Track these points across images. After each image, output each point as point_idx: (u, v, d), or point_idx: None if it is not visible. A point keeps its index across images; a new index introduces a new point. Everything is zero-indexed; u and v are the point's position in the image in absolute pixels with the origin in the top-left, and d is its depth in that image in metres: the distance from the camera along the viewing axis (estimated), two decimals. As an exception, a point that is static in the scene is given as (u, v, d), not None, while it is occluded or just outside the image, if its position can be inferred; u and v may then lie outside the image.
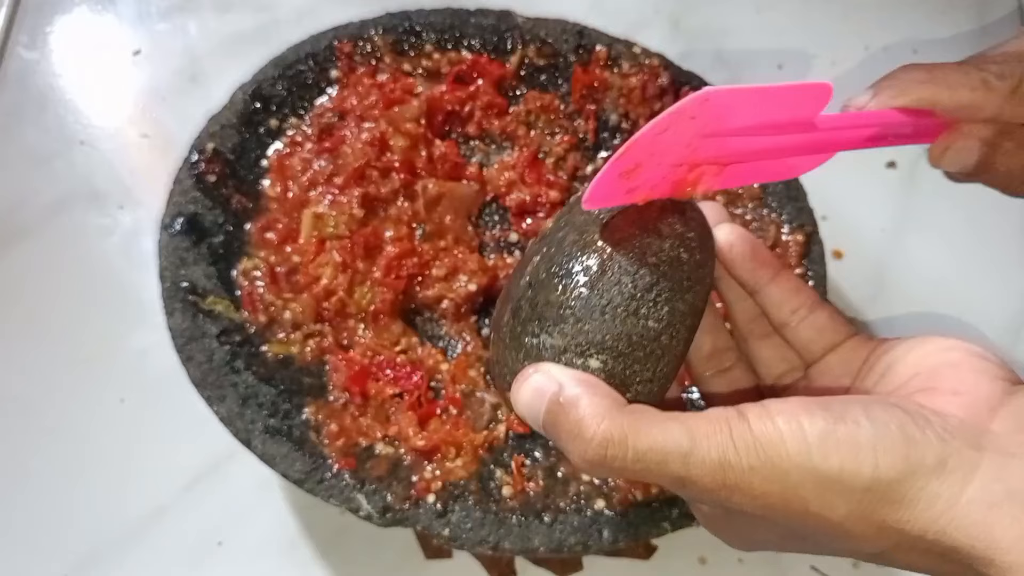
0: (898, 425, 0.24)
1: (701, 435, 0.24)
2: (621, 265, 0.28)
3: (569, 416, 0.26)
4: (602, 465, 0.25)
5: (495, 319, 0.31)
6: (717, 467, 0.24)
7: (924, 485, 0.23)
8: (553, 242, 0.29)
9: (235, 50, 0.64)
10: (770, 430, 0.24)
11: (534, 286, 0.29)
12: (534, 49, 0.53)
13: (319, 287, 0.45)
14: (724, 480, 0.24)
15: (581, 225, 0.29)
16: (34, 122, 0.60)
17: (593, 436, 0.25)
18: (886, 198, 0.63)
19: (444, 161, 0.50)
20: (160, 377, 0.48)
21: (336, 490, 0.39)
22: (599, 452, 0.25)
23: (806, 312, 0.32)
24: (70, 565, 0.45)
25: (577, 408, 0.25)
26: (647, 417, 0.25)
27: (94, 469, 0.48)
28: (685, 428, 0.24)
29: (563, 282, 0.28)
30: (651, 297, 0.28)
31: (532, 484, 0.42)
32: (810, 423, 0.24)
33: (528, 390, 0.27)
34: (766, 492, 0.24)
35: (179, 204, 0.45)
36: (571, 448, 0.26)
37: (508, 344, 0.29)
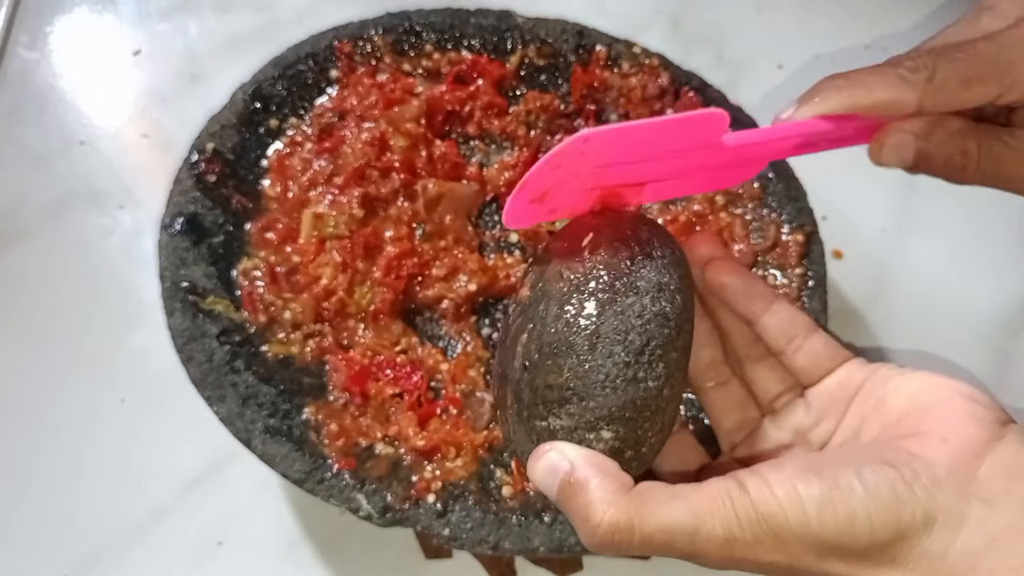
0: (889, 488, 0.25)
1: (705, 513, 0.25)
2: (609, 337, 0.28)
3: (579, 499, 0.27)
4: (609, 548, 0.26)
5: (497, 397, 0.32)
6: (723, 543, 0.25)
7: (915, 544, 0.25)
8: (536, 318, 0.29)
9: (235, 50, 0.64)
10: (771, 502, 0.25)
11: (530, 369, 0.29)
12: (534, 49, 0.53)
13: (319, 287, 0.45)
14: (731, 553, 0.25)
15: (559, 297, 0.29)
16: (34, 122, 0.60)
17: (600, 523, 0.26)
18: (886, 198, 0.63)
19: (444, 161, 0.50)
20: (160, 377, 0.48)
21: (336, 490, 0.39)
22: (606, 537, 0.26)
23: (801, 340, 0.33)
24: (70, 565, 0.45)
25: (586, 491, 0.26)
26: (653, 499, 0.26)
27: (94, 469, 0.48)
28: (689, 508, 0.26)
29: (557, 363, 0.28)
30: (645, 360, 0.28)
31: (532, 484, 0.42)
32: (807, 493, 0.25)
33: (543, 468, 0.28)
34: (772, 560, 0.26)
35: (179, 204, 0.45)
36: (579, 529, 0.27)
37: (517, 427, 0.30)
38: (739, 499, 0.25)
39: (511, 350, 0.30)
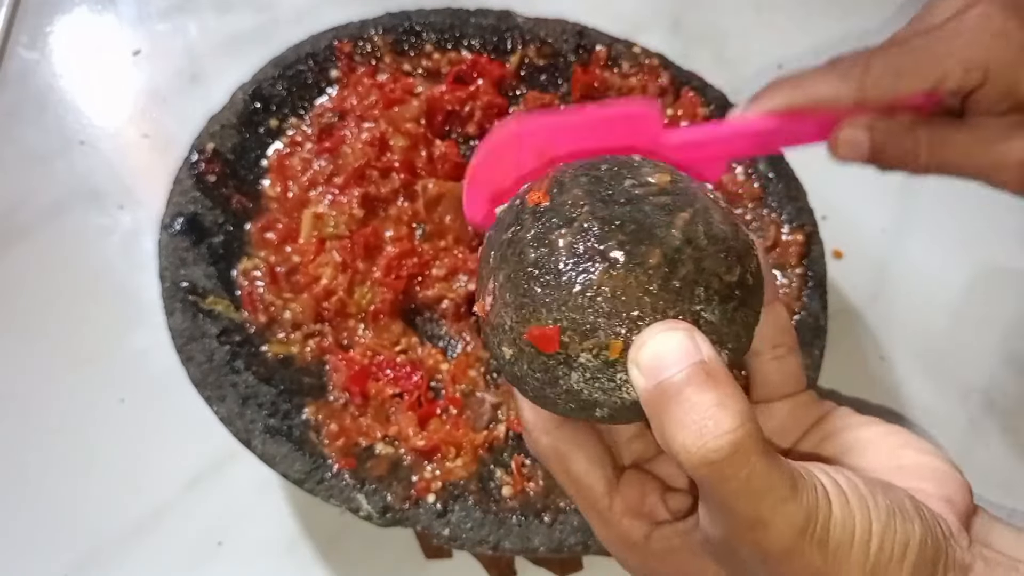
0: (936, 533, 0.24)
1: (800, 488, 0.22)
2: (757, 274, 0.26)
3: (710, 394, 0.22)
4: (710, 465, 0.21)
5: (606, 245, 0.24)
6: (798, 530, 0.22)
7: None
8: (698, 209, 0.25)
9: (235, 50, 0.64)
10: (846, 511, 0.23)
11: (697, 248, 0.24)
12: (534, 49, 0.53)
13: (319, 287, 0.45)
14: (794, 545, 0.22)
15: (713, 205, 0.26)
16: (34, 122, 0.60)
17: (733, 429, 0.21)
18: (886, 198, 0.63)
19: (444, 161, 0.50)
20: (160, 377, 0.48)
21: (336, 490, 0.39)
22: (725, 449, 0.21)
23: (784, 352, 0.30)
24: (70, 565, 0.45)
25: (726, 391, 0.22)
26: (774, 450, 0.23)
27: (94, 469, 0.48)
28: (791, 473, 0.23)
29: (730, 259, 0.24)
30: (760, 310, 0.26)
31: (532, 484, 0.42)
32: (875, 508, 0.23)
33: (673, 340, 0.22)
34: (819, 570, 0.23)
35: (179, 204, 0.45)
36: (690, 431, 0.21)
37: (654, 292, 0.23)
38: (832, 488, 0.23)
39: (659, 217, 0.24)
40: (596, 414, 0.25)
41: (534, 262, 0.24)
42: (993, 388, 0.55)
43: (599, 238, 0.24)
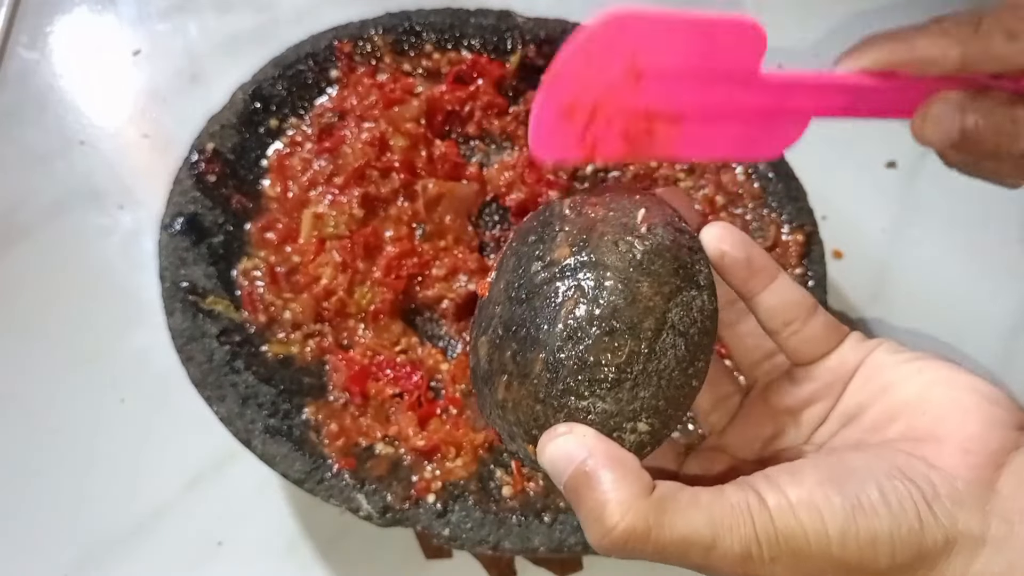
0: (913, 511, 0.24)
1: (724, 528, 0.24)
2: (676, 327, 0.26)
3: (593, 493, 0.24)
4: (619, 552, 0.24)
5: (490, 360, 0.28)
6: (739, 560, 0.24)
7: (933, 566, 0.24)
8: (588, 286, 0.26)
9: (235, 50, 0.64)
10: (791, 522, 0.24)
11: (581, 340, 0.25)
12: (534, 49, 0.53)
13: (319, 287, 0.45)
14: (744, 570, 0.24)
15: (619, 271, 0.26)
16: (34, 122, 0.60)
17: (615, 526, 0.23)
18: (886, 198, 0.63)
19: (444, 161, 0.50)
20: (160, 377, 0.48)
21: (336, 490, 0.39)
22: (618, 542, 0.23)
23: (800, 325, 0.29)
24: (71, 564, 0.45)
25: (603, 488, 0.24)
26: (672, 506, 0.24)
27: (94, 469, 0.48)
28: (708, 519, 0.24)
29: (616, 342, 0.25)
30: (699, 357, 0.26)
31: (532, 484, 0.42)
32: (829, 513, 0.24)
33: (556, 450, 0.25)
34: None
35: (179, 204, 0.45)
36: (589, 527, 0.24)
37: (542, 399, 0.26)
38: (759, 515, 0.24)
39: (547, 312, 0.26)
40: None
41: (474, 367, 0.29)
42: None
43: (501, 348, 0.27)
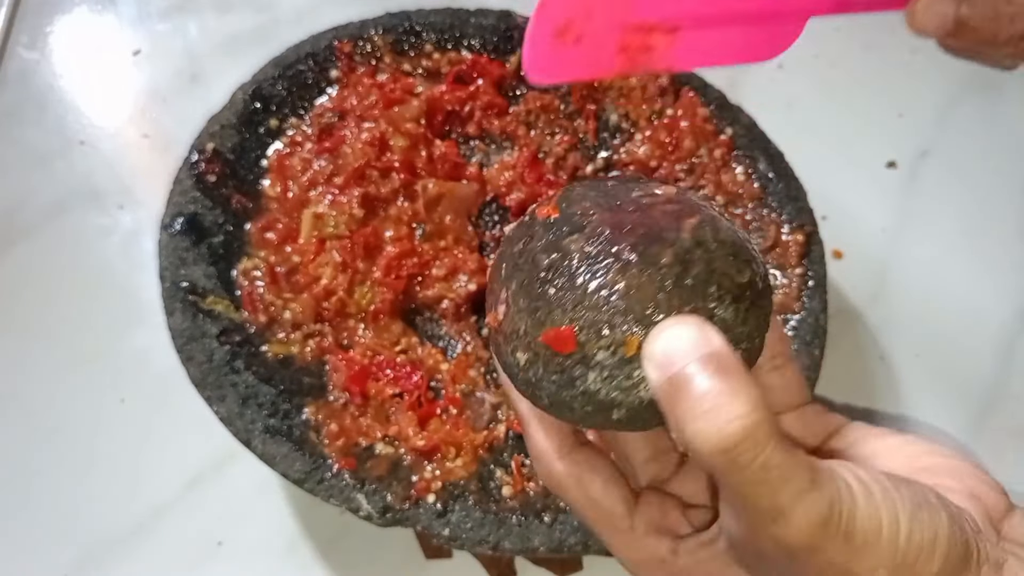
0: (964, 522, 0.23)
1: (825, 475, 0.22)
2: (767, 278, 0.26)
3: (728, 380, 0.21)
4: (725, 452, 0.21)
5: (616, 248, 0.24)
6: (820, 519, 0.21)
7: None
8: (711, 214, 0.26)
9: (235, 50, 0.64)
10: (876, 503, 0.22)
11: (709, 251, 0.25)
12: (534, 49, 0.53)
13: (319, 287, 0.45)
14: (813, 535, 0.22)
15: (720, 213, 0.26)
16: (34, 122, 0.60)
17: (744, 415, 0.21)
18: (886, 198, 0.63)
19: (444, 161, 0.50)
20: (160, 377, 0.48)
21: (336, 490, 0.39)
22: (736, 433, 0.21)
23: (783, 361, 0.29)
24: (71, 565, 0.45)
25: (739, 379, 0.21)
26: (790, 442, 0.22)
27: (94, 469, 0.48)
28: (812, 463, 0.22)
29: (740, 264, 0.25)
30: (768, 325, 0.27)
31: (532, 484, 0.42)
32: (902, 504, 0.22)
33: (682, 335, 0.22)
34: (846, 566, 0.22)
35: (179, 204, 0.45)
36: (703, 415, 0.21)
37: (667, 289, 0.24)
38: (851, 481, 0.22)
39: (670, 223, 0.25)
40: (613, 416, 0.25)
41: (547, 267, 0.25)
42: (993, 388, 0.55)
43: (611, 241, 0.24)
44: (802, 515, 0.21)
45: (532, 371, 0.25)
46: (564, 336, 0.24)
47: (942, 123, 0.66)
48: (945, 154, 0.64)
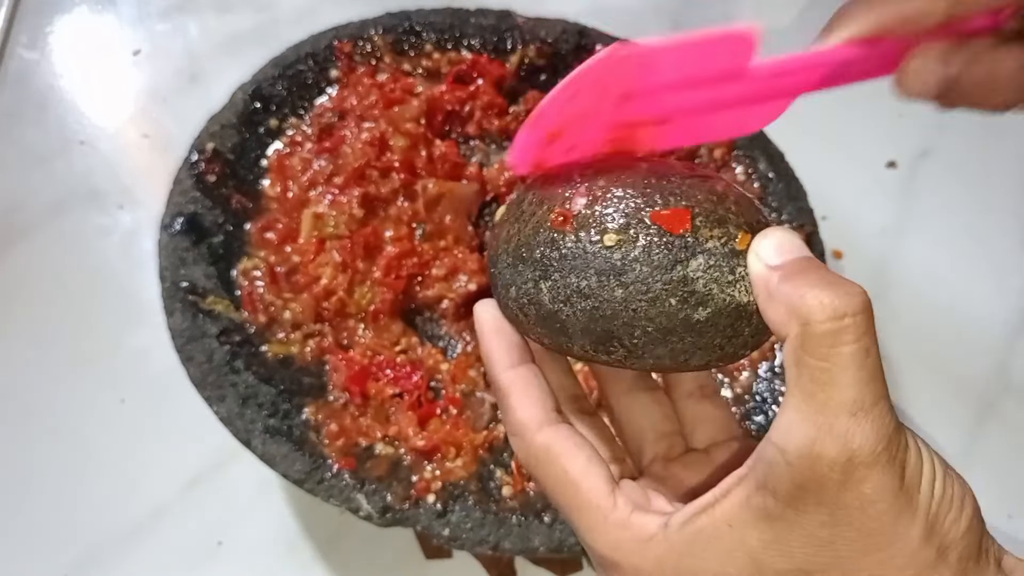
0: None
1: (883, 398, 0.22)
2: None
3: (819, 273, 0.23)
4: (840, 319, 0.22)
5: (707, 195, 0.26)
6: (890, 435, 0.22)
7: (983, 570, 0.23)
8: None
9: (235, 50, 0.64)
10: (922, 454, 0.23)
11: None
12: (534, 49, 0.53)
13: (319, 287, 0.45)
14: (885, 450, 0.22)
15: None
16: (34, 122, 0.60)
17: (861, 292, 0.22)
18: (886, 198, 0.63)
19: (444, 161, 0.50)
20: (160, 377, 0.48)
21: (336, 490, 0.39)
22: (857, 304, 0.22)
23: (712, 392, 0.30)
24: (70, 565, 0.45)
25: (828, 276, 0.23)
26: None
27: (94, 469, 0.48)
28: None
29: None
30: None
31: (532, 484, 0.42)
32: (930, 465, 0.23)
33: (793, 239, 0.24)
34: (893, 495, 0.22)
35: (179, 204, 0.45)
36: (822, 288, 0.22)
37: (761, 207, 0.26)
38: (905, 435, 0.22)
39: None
40: (694, 317, 0.25)
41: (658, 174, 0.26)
42: (993, 388, 0.56)
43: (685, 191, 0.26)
44: (878, 417, 0.21)
45: (622, 252, 0.25)
46: (680, 215, 0.25)
47: (942, 123, 0.66)
48: (945, 154, 0.64)
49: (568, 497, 0.26)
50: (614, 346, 0.26)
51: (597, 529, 0.26)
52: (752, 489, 0.23)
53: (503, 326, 0.29)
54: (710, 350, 0.26)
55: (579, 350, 0.26)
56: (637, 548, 0.25)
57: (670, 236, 0.25)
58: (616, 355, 0.26)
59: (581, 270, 0.26)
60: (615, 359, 0.26)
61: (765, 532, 0.23)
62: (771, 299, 0.23)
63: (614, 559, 0.25)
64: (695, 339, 0.25)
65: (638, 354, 0.26)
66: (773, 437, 0.23)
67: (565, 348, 0.27)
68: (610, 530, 0.25)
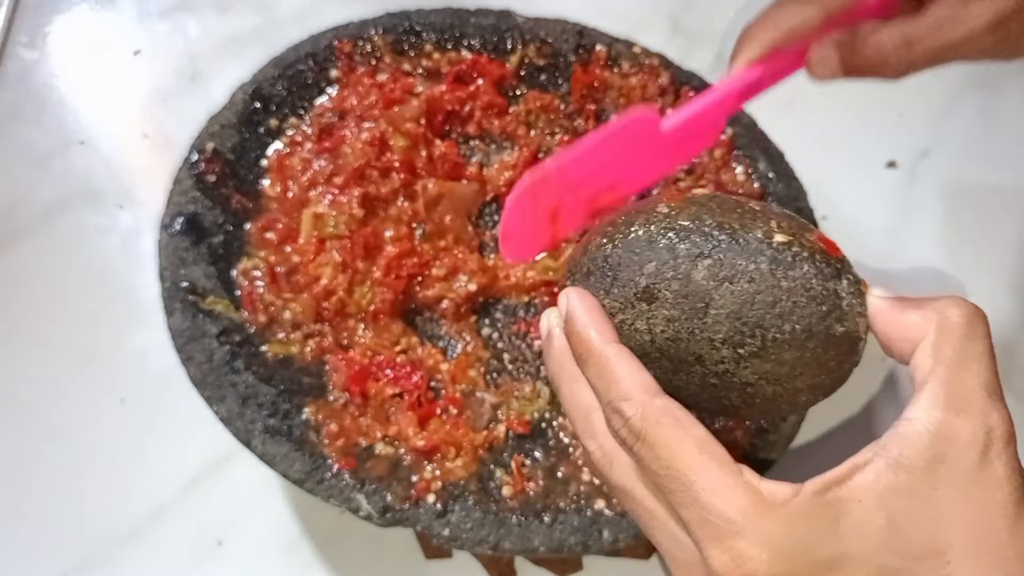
0: None
1: None
2: None
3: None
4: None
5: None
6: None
7: None
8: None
9: (235, 50, 0.64)
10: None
11: None
12: (534, 49, 0.53)
13: (319, 287, 0.45)
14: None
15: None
16: (34, 122, 0.60)
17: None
18: (886, 198, 0.63)
19: (444, 161, 0.50)
20: (160, 377, 0.49)
21: (336, 490, 0.39)
22: None
23: None
24: (70, 565, 0.45)
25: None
26: None
27: (94, 469, 0.48)
28: None
29: None
30: None
31: (532, 484, 0.42)
32: None
33: None
34: None
35: (179, 204, 0.45)
36: None
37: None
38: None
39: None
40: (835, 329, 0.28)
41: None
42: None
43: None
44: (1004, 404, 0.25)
45: (792, 251, 0.28)
46: (834, 245, 0.29)
47: (942, 123, 0.66)
48: (945, 154, 0.64)
49: (691, 457, 0.25)
50: (754, 336, 0.27)
51: (725, 491, 0.25)
52: (883, 467, 0.24)
53: (599, 304, 0.29)
54: (827, 371, 0.28)
55: (709, 333, 0.27)
56: (768, 512, 0.24)
57: (826, 258, 0.28)
58: (748, 348, 0.27)
59: (752, 255, 0.27)
60: (745, 352, 0.27)
61: (897, 509, 0.24)
62: (902, 314, 0.28)
63: (741, 523, 0.24)
64: (822, 353, 0.27)
65: (767, 354, 0.27)
66: (910, 415, 0.24)
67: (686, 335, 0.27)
68: (741, 493, 0.25)
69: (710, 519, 0.25)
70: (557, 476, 0.42)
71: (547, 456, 0.43)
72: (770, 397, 0.28)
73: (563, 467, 0.42)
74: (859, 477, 0.24)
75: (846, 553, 0.24)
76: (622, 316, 0.29)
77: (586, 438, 0.29)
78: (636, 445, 0.26)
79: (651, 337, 0.28)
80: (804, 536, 0.24)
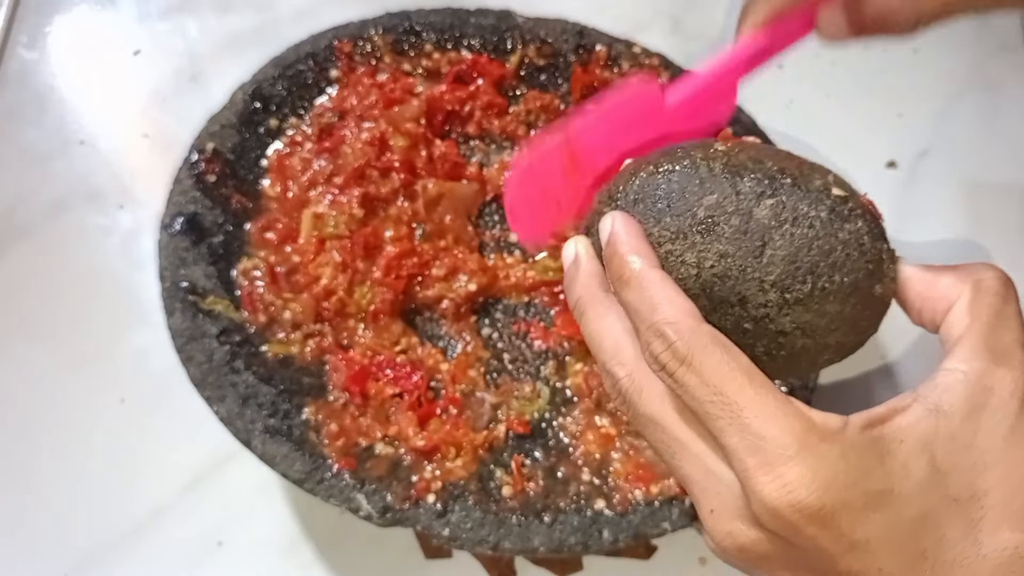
0: None
1: None
2: None
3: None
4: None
5: None
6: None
7: None
8: None
9: (235, 50, 0.64)
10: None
11: None
12: (534, 49, 0.53)
13: (319, 287, 0.45)
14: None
15: None
16: (34, 122, 0.60)
17: None
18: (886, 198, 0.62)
19: (444, 161, 0.50)
20: (160, 377, 0.48)
21: (336, 490, 0.39)
22: None
23: None
24: (70, 565, 0.45)
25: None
26: None
27: (94, 469, 0.48)
28: None
29: None
30: None
31: (532, 484, 0.42)
32: None
33: None
34: None
35: (179, 204, 0.45)
36: None
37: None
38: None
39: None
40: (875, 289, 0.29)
41: None
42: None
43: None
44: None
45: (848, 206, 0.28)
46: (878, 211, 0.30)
47: (942, 123, 0.66)
48: (945, 154, 0.64)
49: (740, 383, 0.25)
50: (803, 282, 0.27)
51: (778, 417, 0.24)
52: (923, 412, 0.25)
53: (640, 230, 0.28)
54: (857, 331, 0.29)
55: (760, 274, 0.27)
56: (822, 440, 0.24)
57: (876, 217, 0.29)
58: (795, 293, 0.27)
59: (813, 202, 0.27)
60: (791, 297, 0.27)
61: (939, 452, 0.24)
62: (937, 277, 0.29)
63: (795, 449, 0.24)
64: (860, 311, 0.28)
65: (811, 302, 0.27)
66: (949, 366, 0.26)
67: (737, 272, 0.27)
68: (794, 420, 0.24)
69: (761, 445, 0.24)
70: (557, 476, 0.42)
71: (547, 456, 0.43)
72: (797, 351, 0.28)
73: (563, 467, 0.42)
74: (900, 419, 0.25)
75: (892, 490, 0.24)
76: (670, 247, 0.28)
77: (614, 364, 0.28)
78: (680, 370, 0.25)
79: (698, 271, 0.27)
80: (855, 468, 0.24)
